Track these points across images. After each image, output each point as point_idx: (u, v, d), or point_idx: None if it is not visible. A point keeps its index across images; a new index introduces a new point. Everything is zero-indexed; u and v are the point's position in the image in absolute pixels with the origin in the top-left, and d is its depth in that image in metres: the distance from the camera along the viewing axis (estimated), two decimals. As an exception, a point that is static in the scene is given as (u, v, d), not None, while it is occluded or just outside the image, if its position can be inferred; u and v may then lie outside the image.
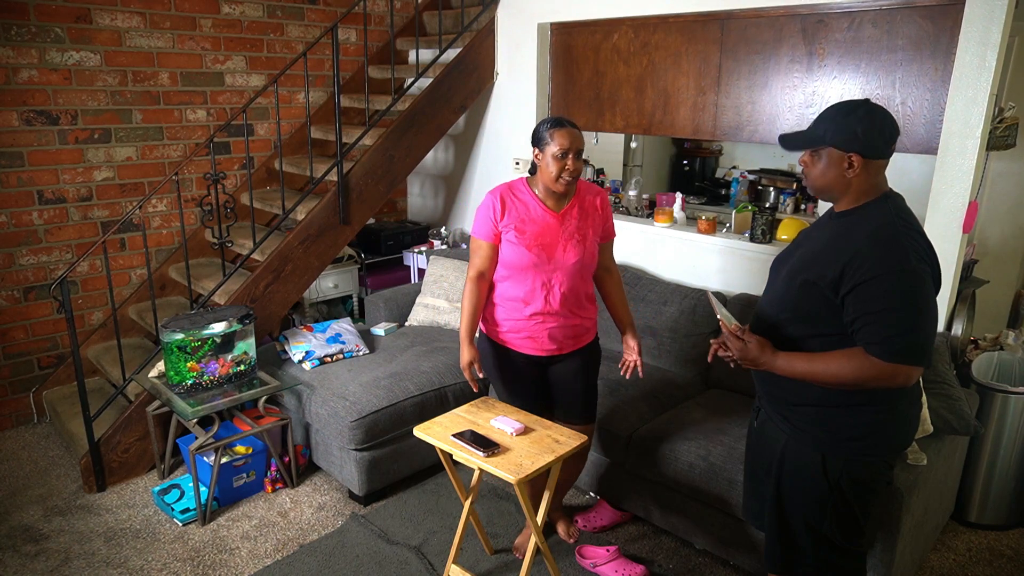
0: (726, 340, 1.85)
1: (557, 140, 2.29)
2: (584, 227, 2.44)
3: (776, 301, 1.86)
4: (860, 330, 1.65)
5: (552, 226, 2.40)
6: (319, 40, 3.58)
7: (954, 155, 2.73)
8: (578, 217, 2.43)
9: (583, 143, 2.35)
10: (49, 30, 3.50)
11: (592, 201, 2.48)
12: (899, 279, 1.61)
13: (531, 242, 2.38)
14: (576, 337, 2.53)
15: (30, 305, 3.73)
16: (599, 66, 3.92)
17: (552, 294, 2.42)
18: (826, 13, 3.05)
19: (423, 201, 5.20)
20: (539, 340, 2.48)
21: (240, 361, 3.16)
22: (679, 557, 2.77)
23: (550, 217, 2.41)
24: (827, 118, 1.72)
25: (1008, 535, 2.94)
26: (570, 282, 2.43)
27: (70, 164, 3.69)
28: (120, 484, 3.24)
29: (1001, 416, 2.81)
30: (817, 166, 1.75)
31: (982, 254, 3.79)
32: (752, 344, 1.79)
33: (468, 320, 2.48)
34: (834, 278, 1.68)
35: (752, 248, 3.41)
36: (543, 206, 2.41)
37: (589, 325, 2.56)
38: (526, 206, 2.42)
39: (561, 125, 2.32)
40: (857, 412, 1.76)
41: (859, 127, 1.67)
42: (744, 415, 2.85)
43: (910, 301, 1.61)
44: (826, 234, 1.79)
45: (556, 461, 2.20)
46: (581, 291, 2.48)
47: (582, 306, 2.50)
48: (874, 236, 1.66)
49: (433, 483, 3.24)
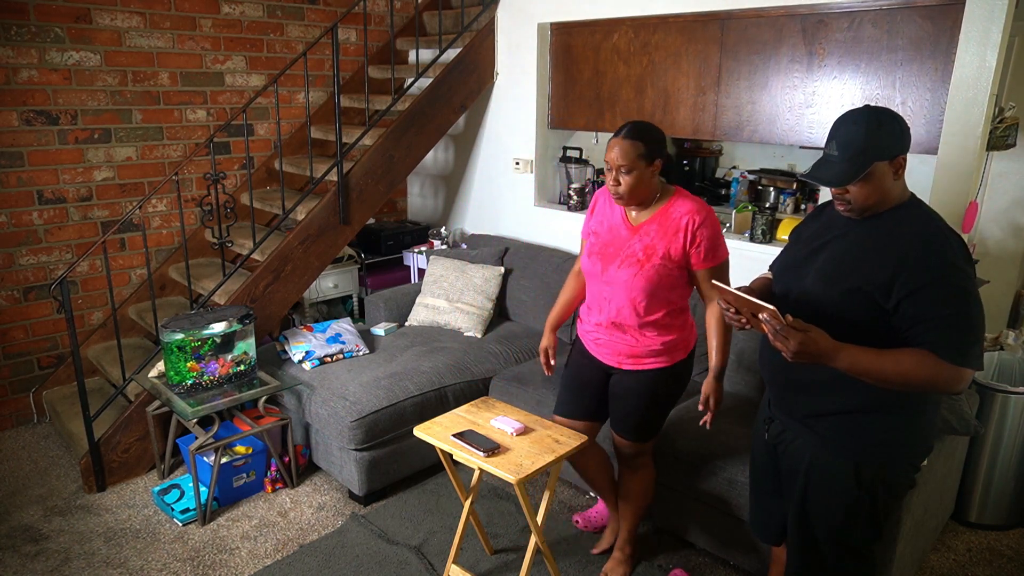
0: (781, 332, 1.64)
1: (607, 151, 2.19)
2: (655, 245, 2.22)
3: (806, 307, 1.77)
4: (924, 333, 1.61)
5: (623, 238, 2.27)
6: (319, 40, 3.57)
7: (954, 155, 2.73)
8: (655, 234, 2.23)
9: (634, 153, 2.14)
10: (49, 30, 3.50)
11: (678, 220, 2.21)
12: (958, 282, 1.60)
13: (595, 250, 2.32)
14: (636, 357, 2.34)
15: (30, 305, 3.73)
16: (599, 66, 3.92)
17: (606, 307, 2.32)
18: (826, 13, 3.05)
19: (423, 201, 5.20)
20: (602, 348, 2.41)
21: (240, 361, 3.16)
22: (679, 557, 2.77)
23: (625, 228, 2.28)
24: (857, 135, 1.63)
25: (1008, 535, 2.94)
26: (628, 299, 2.26)
27: (70, 164, 3.69)
28: (120, 484, 3.24)
29: (1001, 416, 2.81)
30: (864, 188, 1.65)
31: (982, 254, 3.78)
32: (815, 335, 1.64)
33: (556, 309, 2.56)
34: (884, 283, 1.63)
35: (752, 248, 3.41)
36: (624, 215, 2.30)
37: (659, 350, 2.31)
38: (610, 212, 2.34)
39: (616, 134, 2.18)
40: (889, 418, 1.74)
41: (894, 128, 1.64)
42: (745, 414, 2.85)
43: (972, 305, 1.61)
44: (861, 237, 1.72)
45: (556, 461, 2.20)
46: (647, 313, 2.26)
47: (648, 328, 2.29)
48: (923, 238, 1.63)
49: (433, 483, 3.24)
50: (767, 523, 2.10)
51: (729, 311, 1.78)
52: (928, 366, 1.60)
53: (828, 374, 1.72)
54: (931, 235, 1.64)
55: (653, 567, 2.70)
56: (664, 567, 2.70)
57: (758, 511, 2.13)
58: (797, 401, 1.86)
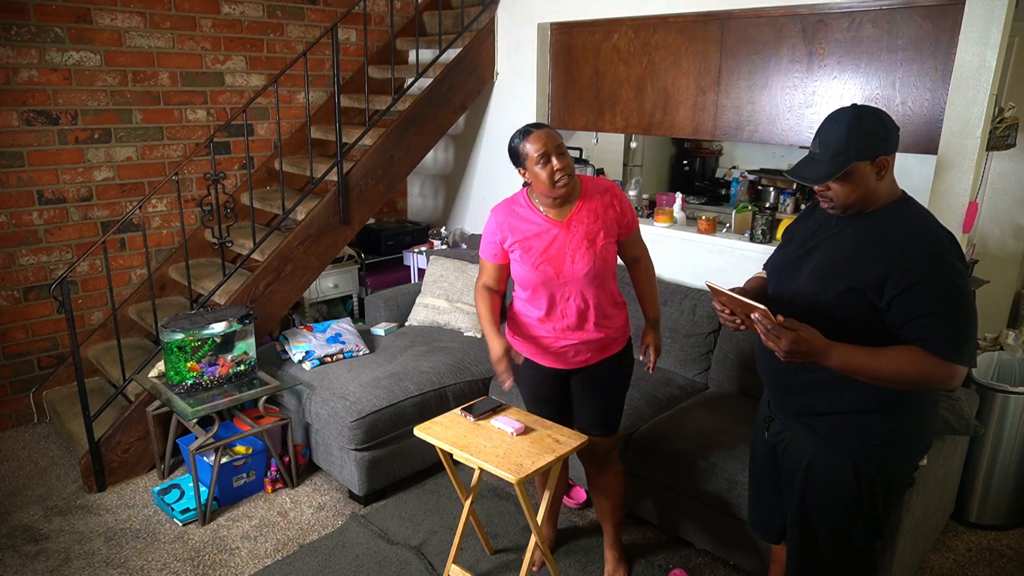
0: (772, 331, 1.64)
1: (532, 146, 2.19)
2: (594, 230, 2.27)
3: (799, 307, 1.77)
4: (917, 331, 1.61)
5: (558, 237, 2.26)
6: (319, 40, 3.58)
7: (954, 155, 2.73)
8: (587, 220, 2.28)
9: (560, 138, 2.23)
10: (49, 30, 3.50)
11: (601, 200, 2.30)
12: (952, 279, 1.60)
13: (537, 259, 2.25)
14: (602, 348, 2.38)
15: (30, 305, 3.73)
16: (599, 66, 3.92)
17: (568, 308, 2.29)
18: (826, 13, 3.05)
19: (423, 201, 5.20)
20: (562, 357, 2.36)
21: (240, 361, 3.16)
22: (679, 557, 2.77)
23: (555, 228, 2.27)
24: (838, 135, 1.64)
25: (1008, 535, 2.94)
26: (584, 294, 2.28)
27: (70, 164, 3.69)
28: (120, 484, 3.24)
29: (1001, 416, 2.81)
30: (845, 187, 1.66)
31: (982, 254, 3.79)
32: (806, 334, 1.63)
33: (488, 316, 2.35)
34: (877, 281, 1.63)
35: (752, 248, 3.41)
36: (546, 217, 2.28)
37: (616, 334, 2.39)
38: (528, 221, 2.30)
39: (529, 131, 2.22)
40: (889, 417, 1.74)
41: (876, 128, 1.63)
42: (745, 414, 2.85)
43: (965, 301, 1.61)
44: (853, 236, 1.72)
45: (556, 461, 2.20)
46: (602, 300, 2.31)
47: (606, 315, 2.34)
48: (914, 236, 1.63)
49: (433, 483, 3.24)
50: (767, 522, 2.10)
51: (724, 312, 1.78)
52: (921, 363, 1.61)
53: (826, 374, 1.72)
54: (922, 233, 1.64)
55: (653, 567, 2.70)
56: (664, 567, 2.70)
57: (758, 510, 2.13)
58: (795, 401, 1.86)
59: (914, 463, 1.86)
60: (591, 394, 2.43)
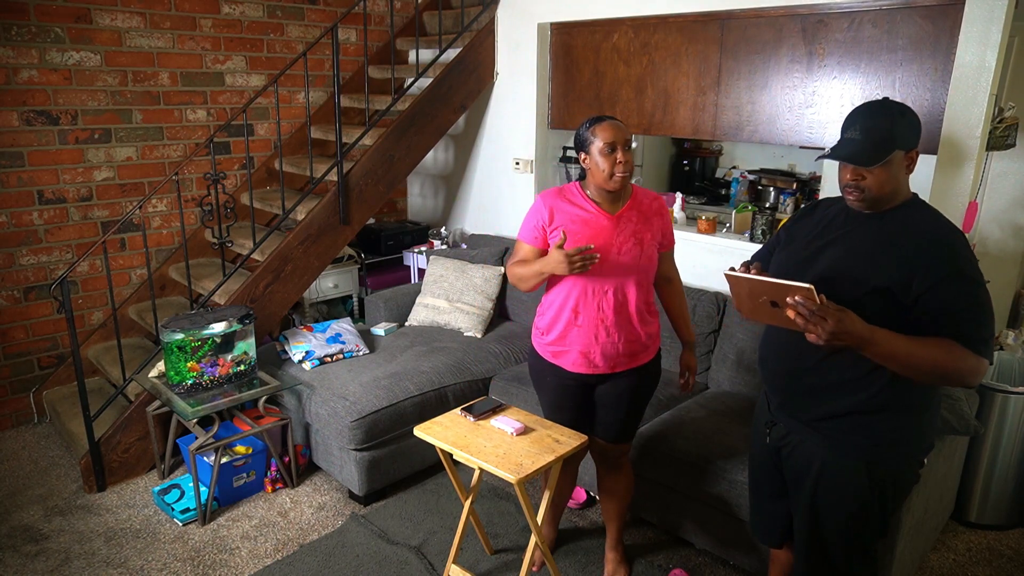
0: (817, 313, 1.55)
1: (601, 135, 2.18)
2: (642, 231, 2.28)
3: None
4: (949, 325, 1.61)
5: (607, 228, 2.25)
6: (319, 40, 3.58)
7: (954, 155, 2.73)
8: (636, 220, 2.28)
9: (630, 134, 2.24)
10: (49, 30, 3.50)
11: (651, 205, 2.33)
12: (974, 276, 1.63)
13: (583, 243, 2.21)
14: (632, 355, 2.34)
15: (30, 305, 3.73)
16: (599, 66, 3.92)
17: (606, 301, 2.26)
18: (826, 13, 3.05)
19: (423, 201, 5.20)
20: (591, 356, 2.31)
21: (240, 361, 3.16)
22: (679, 557, 2.77)
23: (604, 219, 2.26)
24: (885, 122, 1.65)
25: (1008, 535, 2.94)
26: (625, 289, 2.27)
27: (70, 164, 3.69)
28: (120, 484, 3.24)
29: (1001, 416, 2.81)
30: (882, 175, 1.66)
31: (982, 254, 3.78)
32: (851, 317, 1.58)
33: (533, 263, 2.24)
34: (903, 279, 1.64)
35: (752, 248, 3.40)
36: (597, 207, 2.27)
37: (648, 342, 2.36)
38: (579, 207, 2.28)
39: (601, 120, 2.21)
40: (897, 416, 1.75)
41: (915, 121, 1.68)
42: (745, 414, 2.85)
43: (985, 298, 1.64)
44: (868, 235, 1.72)
45: (556, 461, 2.20)
46: (639, 299, 2.29)
47: (642, 317, 2.31)
48: (937, 234, 1.66)
49: (433, 483, 3.24)
50: (769, 526, 2.09)
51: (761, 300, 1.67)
52: (956, 355, 1.61)
53: (842, 376, 1.74)
54: (943, 231, 1.67)
55: (653, 567, 2.70)
56: (664, 567, 2.70)
57: (760, 514, 2.12)
58: (804, 405, 1.85)
59: (921, 461, 1.87)
60: (614, 405, 2.40)
